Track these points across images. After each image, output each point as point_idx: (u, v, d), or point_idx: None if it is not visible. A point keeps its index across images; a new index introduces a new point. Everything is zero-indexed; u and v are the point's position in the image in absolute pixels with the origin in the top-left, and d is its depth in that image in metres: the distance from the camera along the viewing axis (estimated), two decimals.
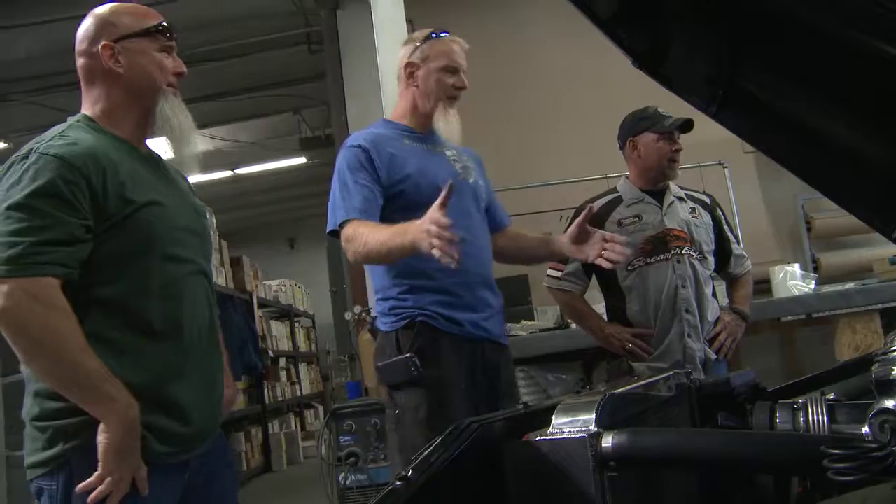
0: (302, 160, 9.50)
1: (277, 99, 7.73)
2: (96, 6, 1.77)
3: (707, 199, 3.11)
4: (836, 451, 0.69)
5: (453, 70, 2.41)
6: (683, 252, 2.86)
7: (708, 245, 2.95)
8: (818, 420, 1.00)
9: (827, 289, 4.45)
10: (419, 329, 2.26)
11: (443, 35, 2.46)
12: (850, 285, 4.42)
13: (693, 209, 2.99)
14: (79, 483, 1.50)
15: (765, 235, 5.77)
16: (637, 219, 2.91)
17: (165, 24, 1.76)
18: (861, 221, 1.25)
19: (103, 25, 1.70)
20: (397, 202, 2.30)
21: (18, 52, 6.26)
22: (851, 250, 5.76)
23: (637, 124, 2.96)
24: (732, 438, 0.91)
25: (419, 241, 1.93)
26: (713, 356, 2.87)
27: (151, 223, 1.63)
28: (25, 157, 1.56)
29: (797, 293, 4.35)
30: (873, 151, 1.09)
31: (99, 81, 1.71)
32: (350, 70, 5.43)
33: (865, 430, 0.76)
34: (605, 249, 2.26)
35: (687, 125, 2.86)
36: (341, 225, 2.27)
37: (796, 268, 4.59)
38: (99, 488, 1.49)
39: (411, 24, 5.28)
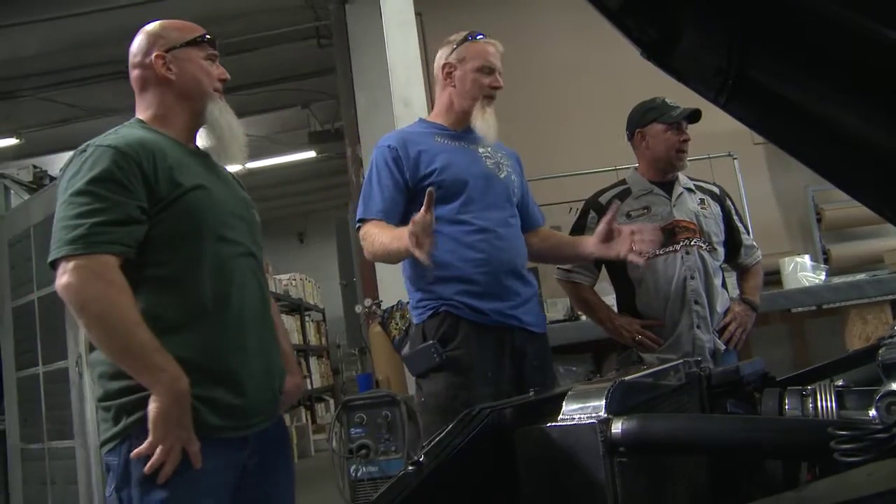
0: (311, 154, 9.50)
1: (286, 93, 7.74)
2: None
3: (717, 190, 3.11)
4: (843, 433, 0.70)
5: (489, 70, 2.49)
6: (692, 243, 2.86)
7: (717, 236, 2.95)
8: (827, 406, 1.01)
9: (837, 280, 4.44)
10: (443, 318, 2.32)
11: (479, 37, 2.53)
12: (860, 276, 4.41)
13: (702, 200, 2.99)
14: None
15: (775, 226, 5.75)
16: (646, 210, 2.91)
17: (209, 35, 1.92)
18: (872, 212, 1.25)
19: (154, 39, 1.87)
20: (423, 197, 2.34)
21: (28, 48, 6.29)
22: (862, 241, 5.73)
23: (645, 115, 2.96)
24: (741, 424, 0.91)
25: (409, 244, 2.03)
26: (723, 347, 2.87)
27: (200, 205, 1.76)
28: (83, 150, 1.72)
29: (807, 284, 4.34)
30: (884, 140, 1.09)
31: (152, 88, 1.87)
32: (359, 63, 5.43)
33: (873, 413, 0.76)
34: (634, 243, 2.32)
35: (695, 115, 2.86)
36: (359, 224, 2.42)
37: (806, 259, 4.58)
38: (153, 458, 1.58)
39: (420, 17, 5.28)
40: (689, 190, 2.99)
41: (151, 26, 1.91)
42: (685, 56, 1.15)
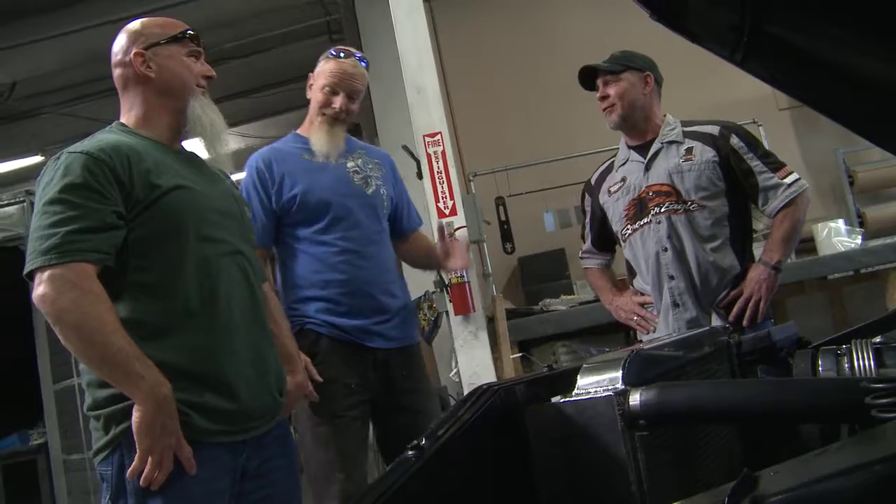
0: None
1: (301, 92, 7.72)
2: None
3: (715, 131, 2.60)
4: (878, 387, 0.63)
5: (332, 91, 2.49)
6: (662, 210, 2.55)
7: (705, 189, 2.54)
8: (864, 365, 0.94)
9: (874, 243, 4.32)
10: (306, 335, 2.35)
11: (339, 56, 2.55)
12: None
13: (689, 149, 2.58)
14: (128, 463, 1.57)
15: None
16: (622, 182, 2.66)
17: (192, 31, 1.87)
18: None
19: (134, 37, 1.83)
20: (290, 219, 2.40)
21: (47, 64, 6.33)
22: None
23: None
24: (766, 387, 0.85)
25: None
26: (727, 326, 2.40)
27: (180, 205, 1.71)
28: (57, 158, 1.68)
29: (843, 249, 4.23)
30: None
31: (132, 86, 1.83)
32: (372, 55, 5.35)
33: None
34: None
35: (586, 71, 2.65)
36: None
37: (840, 223, 4.47)
38: (145, 471, 1.54)
39: (429, 5, 5.23)
40: (671, 143, 2.61)
41: (133, 24, 1.86)
42: (697, 15, 1.09)
